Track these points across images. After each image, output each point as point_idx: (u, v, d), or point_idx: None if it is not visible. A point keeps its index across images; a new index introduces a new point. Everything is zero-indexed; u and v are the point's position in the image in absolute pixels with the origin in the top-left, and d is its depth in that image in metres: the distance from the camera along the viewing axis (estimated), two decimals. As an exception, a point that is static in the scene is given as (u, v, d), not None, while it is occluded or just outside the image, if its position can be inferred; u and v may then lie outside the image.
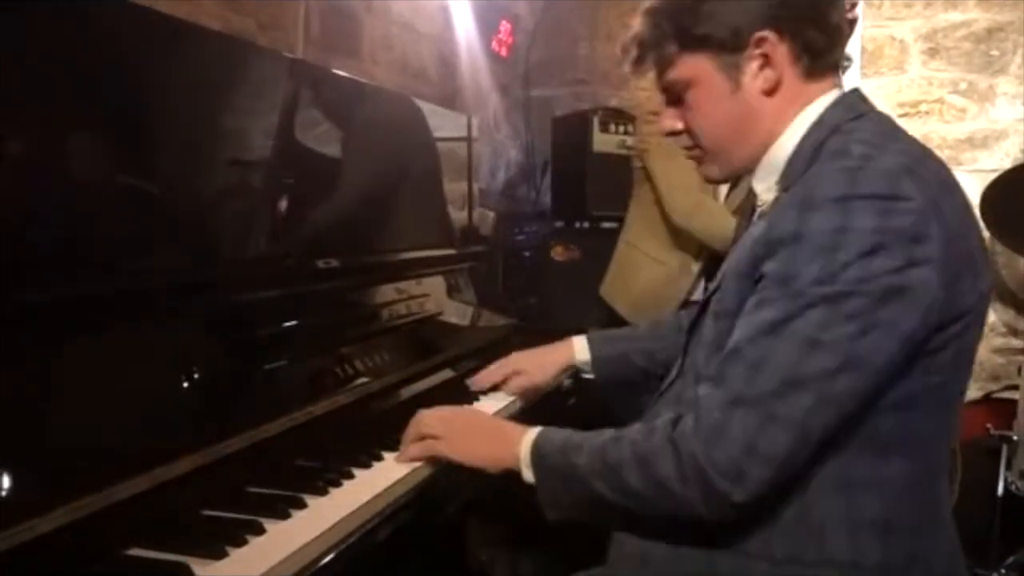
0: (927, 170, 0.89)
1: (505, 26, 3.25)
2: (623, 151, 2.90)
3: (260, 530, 0.88)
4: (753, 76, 0.96)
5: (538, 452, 1.00)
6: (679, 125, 1.04)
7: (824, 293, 0.83)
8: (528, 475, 1.01)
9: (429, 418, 1.13)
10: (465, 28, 3.04)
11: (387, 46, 2.62)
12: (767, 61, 0.96)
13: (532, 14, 3.48)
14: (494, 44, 3.20)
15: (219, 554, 0.83)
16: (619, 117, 2.98)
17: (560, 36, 3.53)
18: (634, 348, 1.43)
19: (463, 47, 3.05)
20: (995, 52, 2.95)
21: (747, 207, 1.15)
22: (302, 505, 0.96)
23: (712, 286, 1.05)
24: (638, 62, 1.04)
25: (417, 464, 1.10)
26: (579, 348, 1.45)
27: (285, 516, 0.93)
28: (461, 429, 1.11)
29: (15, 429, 0.78)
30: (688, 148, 1.07)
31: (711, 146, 1.03)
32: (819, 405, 0.84)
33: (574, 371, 1.47)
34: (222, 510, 0.93)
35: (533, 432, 1.03)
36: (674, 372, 1.11)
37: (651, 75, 1.06)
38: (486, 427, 1.13)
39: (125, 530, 0.84)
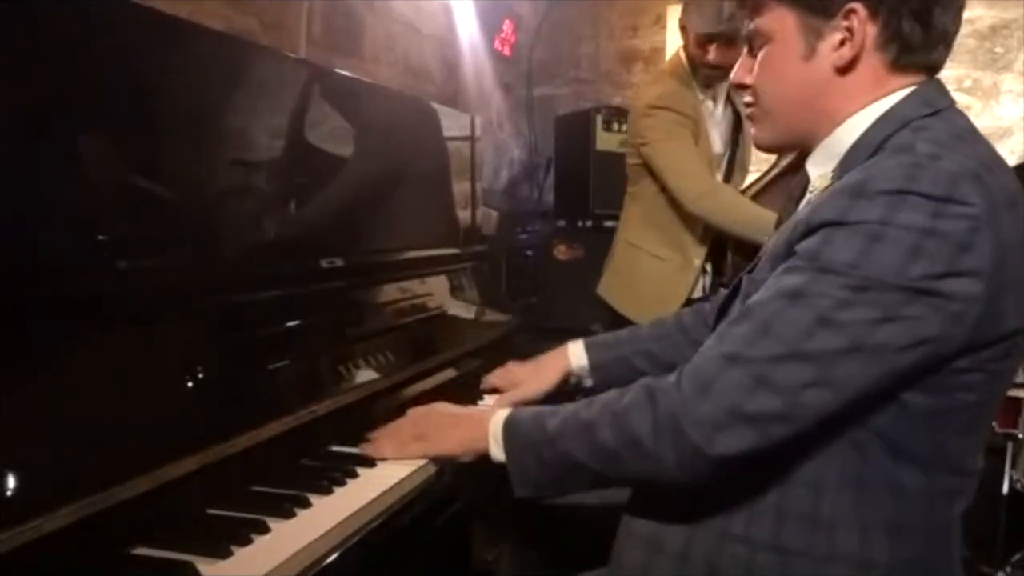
0: (994, 180, 0.84)
1: (508, 25, 3.25)
2: (622, 150, 2.90)
3: (265, 529, 0.88)
4: (832, 48, 0.91)
5: (509, 425, 1.00)
6: (747, 79, 1.00)
7: (852, 276, 0.80)
8: (497, 452, 1.01)
9: (405, 421, 1.14)
10: (467, 27, 3.04)
11: (389, 46, 2.62)
12: (850, 36, 0.90)
13: (535, 13, 3.48)
14: (497, 43, 3.20)
15: (224, 553, 0.83)
16: (622, 116, 2.98)
17: (563, 35, 3.54)
18: (634, 351, 1.38)
19: (466, 46, 3.06)
20: (1000, 49, 2.94)
21: (796, 190, 1.10)
22: (307, 504, 0.96)
23: (748, 267, 1.01)
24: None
25: (421, 463, 1.10)
26: (575, 354, 1.40)
27: (290, 515, 0.93)
28: (436, 423, 1.12)
29: (20, 429, 0.78)
30: (748, 105, 1.03)
31: (769, 107, 0.98)
32: (816, 382, 0.81)
33: (575, 379, 1.42)
34: (227, 509, 0.93)
35: (505, 410, 1.04)
36: None
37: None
38: (458, 414, 1.13)
39: (130, 529, 0.84)
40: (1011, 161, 2.83)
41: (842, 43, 0.91)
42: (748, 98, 1.02)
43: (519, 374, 1.44)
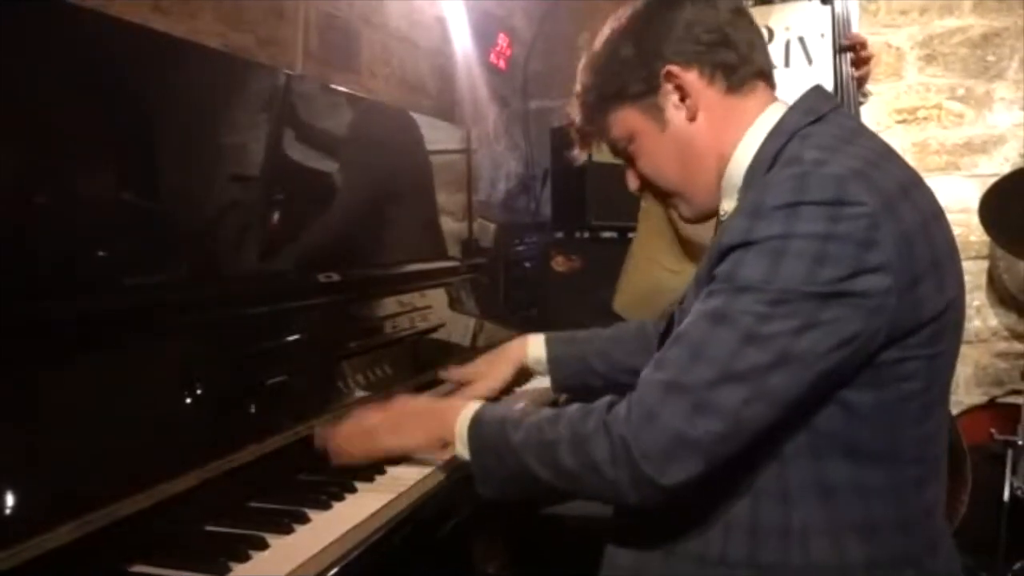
0: (883, 174, 0.88)
1: (503, 39, 3.26)
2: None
3: (263, 545, 0.88)
4: (676, 109, 0.99)
5: (476, 426, 1.01)
6: (636, 182, 1.08)
7: (767, 291, 0.83)
8: (462, 451, 1.02)
9: (361, 414, 1.12)
10: (462, 41, 3.05)
11: (385, 60, 2.63)
12: (683, 92, 0.98)
13: (529, 26, 3.49)
14: (492, 57, 3.21)
15: (222, 570, 0.83)
16: (618, 127, 2.98)
17: (558, 47, 3.55)
18: (592, 350, 1.38)
19: (461, 60, 3.06)
20: (991, 57, 2.96)
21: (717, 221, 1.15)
22: (305, 519, 0.96)
23: (680, 298, 1.05)
24: (584, 143, 1.09)
25: (421, 477, 1.10)
26: (533, 345, 1.38)
27: (288, 531, 0.93)
28: (395, 416, 1.11)
29: (20, 447, 0.79)
30: (658, 199, 1.10)
31: (669, 188, 1.06)
32: (753, 399, 0.84)
33: (531, 372, 1.41)
34: (225, 525, 0.93)
35: (473, 406, 1.03)
36: None
37: None
38: (422, 408, 1.13)
39: (129, 546, 0.84)
40: (1005, 168, 2.84)
41: (682, 99, 0.99)
42: (653, 192, 1.09)
43: (475, 368, 1.42)
